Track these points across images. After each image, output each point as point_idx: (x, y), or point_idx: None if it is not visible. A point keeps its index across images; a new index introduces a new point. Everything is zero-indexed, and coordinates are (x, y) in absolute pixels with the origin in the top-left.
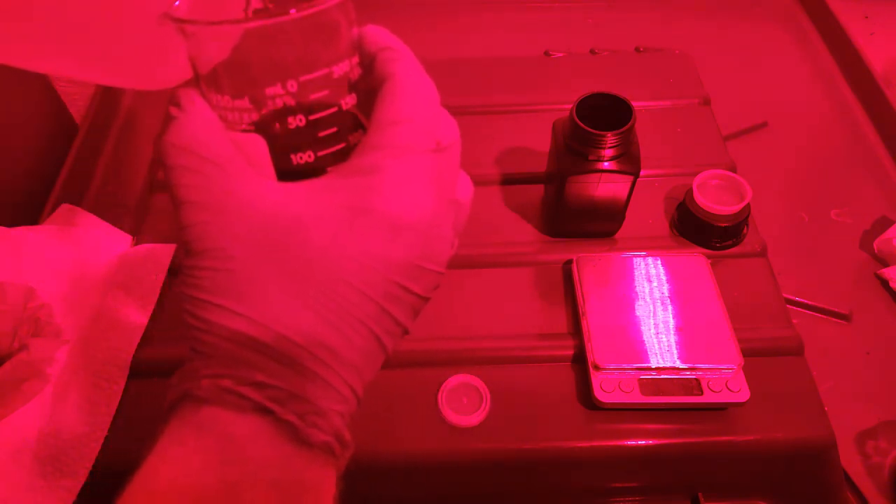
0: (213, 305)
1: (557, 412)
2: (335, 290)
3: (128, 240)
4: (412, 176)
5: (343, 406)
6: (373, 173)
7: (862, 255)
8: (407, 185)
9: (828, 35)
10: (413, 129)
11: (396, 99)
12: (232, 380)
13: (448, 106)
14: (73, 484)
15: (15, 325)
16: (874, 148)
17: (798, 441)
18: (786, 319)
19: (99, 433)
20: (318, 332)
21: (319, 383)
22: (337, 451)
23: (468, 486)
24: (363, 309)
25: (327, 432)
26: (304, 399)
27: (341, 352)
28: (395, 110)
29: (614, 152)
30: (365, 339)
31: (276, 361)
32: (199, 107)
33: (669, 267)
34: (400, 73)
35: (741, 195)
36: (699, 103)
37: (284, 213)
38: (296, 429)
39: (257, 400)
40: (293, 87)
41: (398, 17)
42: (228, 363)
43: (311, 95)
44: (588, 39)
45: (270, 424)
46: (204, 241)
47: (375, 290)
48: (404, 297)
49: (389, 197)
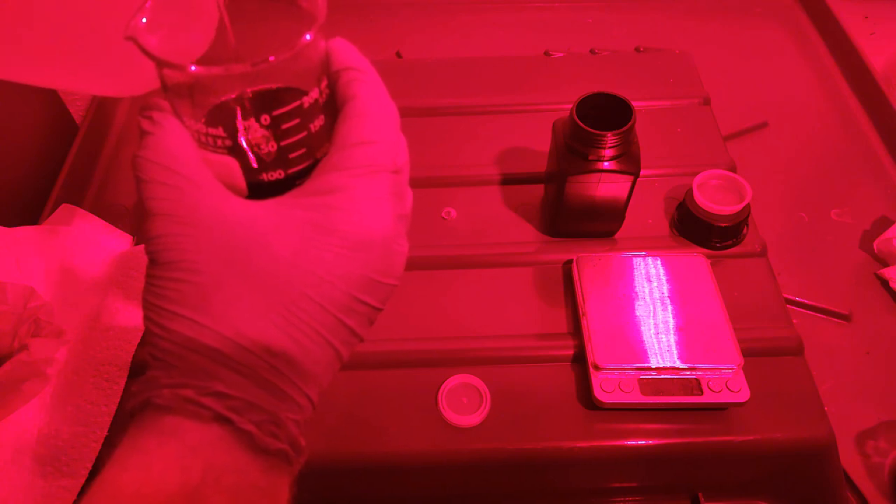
0: (177, 315)
1: (557, 412)
2: (296, 304)
3: (128, 240)
4: (373, 196)
5: (299, 415)
6: (336, 192)
7: (862, 255)
8: (368, 205)
9: (828, 35)
10: (375, 150)
11: (360, 120)
12: (193, 390)
13: (448, 106)
14: (73, 484)
15: (15, 325)
16: (874, 148)
17: (798, 441)
18: (786, 319)
19: (99, 433)
20: (277, 344)
21: (277, 394)
22: (292, 457)
23: (468, 486)
24: (322, 322)
25: (283, 440)
26: (262, 409)
27: (299, 363)
28: (357, 132)
29: (614, 152)
30: (322, 350)
31: (236, 372)
32: (171, 123)
33: (669, 267)
34: (363, 94)
35: (741, 195)
36: (699, 103)
37: (250, 229)
38: (253, 437)
39: (217, 410)
40: (266, 121)
41: (399, 17)
42: (190, 373)
43: (283, 125)
44: (588, 39)
45: (229, 433)
46: (170, 252)
47: (334, 303)
48: (361, 309)
49: (351, 216)
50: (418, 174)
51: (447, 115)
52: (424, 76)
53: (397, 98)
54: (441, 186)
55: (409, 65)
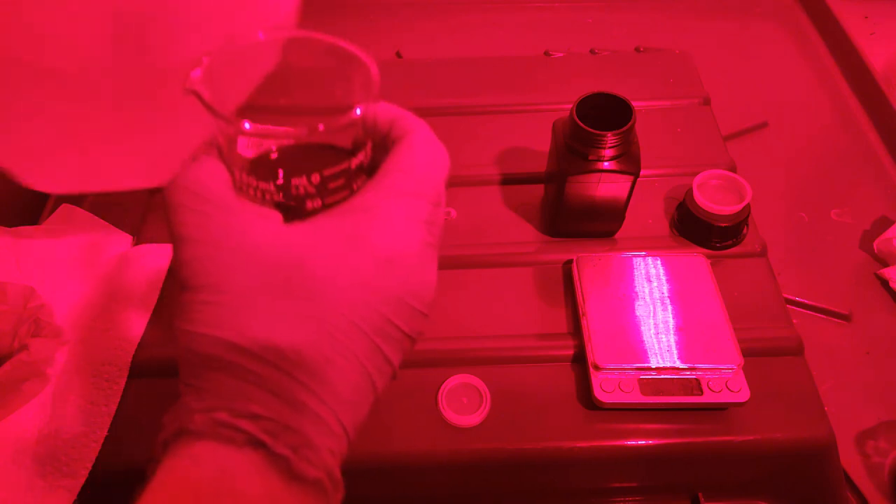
0: (207, 337)
1: (557, 412)
2: (329, 322)
3: (128, 240)
4: (404, 214)
5: (334, 442)
6: (370, 210)
7: (862, 255)
8: (399, 223)
9: (828, 35)
10: (421, 178)
11: (409, 152)
12: (227, 412)
13: (449, 106)
14: (73, 484)
15: (15, 325)
16: (874, 148)
17: (798, 441)
18: (786, 319)
19: (99, 433)
20: (312, 363)
21: (312, 416)
22: (328, 489)
23: (468, 486)
24: (356, 342)
25: (319, 468)
26: (297, 431)
27: (334, 385)
28: (404, 161)
29: (614, 152)
30: (357, 373)
31: (271, 392)
32: (211, 160)
33: (669, 267)
34: (416, 133)
35: (741, 195)
36: (699, 103)
37: (282, 248)
38: (288, 462)
39: (251, 432)
40: (316, 180)
41: (399, 17)
42: (223, 395)
43: (330, 185)
44: (588, 39)
45: (263, 458)
46: (200, 276)
47: (367, 322)
48: (393, 333)
49: (382, 230)
50: None
51: (447, 115)
52: (424, 76)
53: (397, 98)
54: None
55: (409, 65)
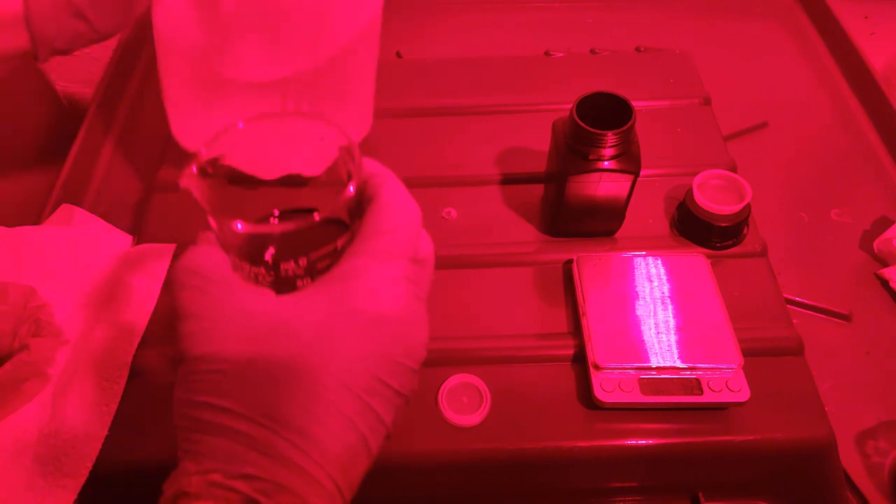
0: (203, 404)
1: (557, 412)
2: (319, 382)
3: (128, 240)
4: (389, 275)
5: (327, 501)
6: (354, 277)
7: (862, 255)
8: (383, 283)
9: (828, 35)
10: (393, 239)
11: (380, 215)
12: (221, 473)
13: (449, 106)
14: (73, 484)
15: (15, 325)
16: (874, 148)
17: (798, 441)
18: (786, 319)
19: (99, 433)
20: (303, 426)
21: (305, 477)
22: None
23: (468, 486)
24: (346, 402)
25: None
26: (290, 490)
27: (326, 445)
28: (377, 222)
29: (614, 152)
30: (349, 433)
31: (264, 455)
32: (209, 243)
33: (669, 267)
34: (385, 192)
35: (741, 195)
36: (699, 103)
37: (274, 316)
38: None
39: (245, 492)
40: (303, 263)
41: (399, 17)
42: (218, 457)
43: (319, 265)
44: (588, 39)
45: None
46: (198, 346)
47: (357, 382)
48: (384, 391)
49: (368, 294)
50: (418, 174)
51: (447, 115)
52: (424, 76)
53: (397, 98)
54: (441, 186)
55: (409, 65)
